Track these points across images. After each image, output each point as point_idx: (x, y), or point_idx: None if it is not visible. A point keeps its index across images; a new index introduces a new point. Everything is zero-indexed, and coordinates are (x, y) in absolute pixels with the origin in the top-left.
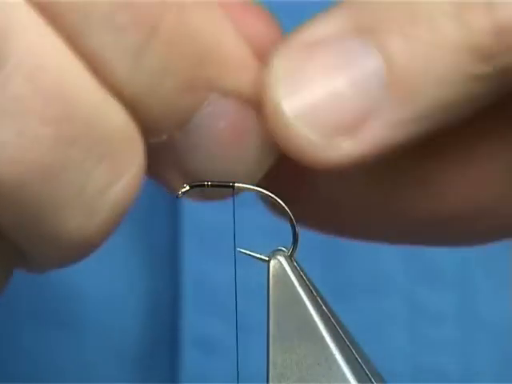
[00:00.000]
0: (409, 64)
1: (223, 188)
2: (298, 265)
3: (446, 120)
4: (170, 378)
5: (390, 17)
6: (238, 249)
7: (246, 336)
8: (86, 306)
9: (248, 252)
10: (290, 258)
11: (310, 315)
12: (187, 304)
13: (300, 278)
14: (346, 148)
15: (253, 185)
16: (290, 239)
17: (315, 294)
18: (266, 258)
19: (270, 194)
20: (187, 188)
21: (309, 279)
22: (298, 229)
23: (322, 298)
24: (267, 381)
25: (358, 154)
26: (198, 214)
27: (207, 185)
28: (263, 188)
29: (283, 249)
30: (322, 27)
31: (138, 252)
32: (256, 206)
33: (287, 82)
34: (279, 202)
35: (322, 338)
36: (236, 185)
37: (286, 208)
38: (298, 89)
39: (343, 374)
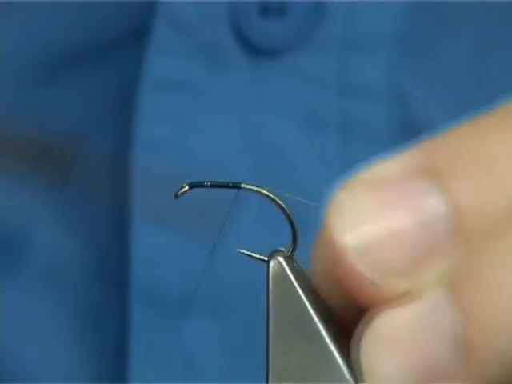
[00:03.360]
0: (475, 212)
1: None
2: (298, 265)
3: None
4: None
5: (464, 162)
6: (238, 249)
7: None
8: None
9: (247, 252)
10: (290, 258)
11: (310, 316)
12: None
13: (300, 278)
14: (402, 289)
15: (254, 185)
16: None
17: (315, 294)
18: (266, 259)
19: (269, 193)
20: (186, 188)
21: (309, 279)
22: (298, 229)
23: (322, 299)
24: (267, 382)
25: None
26: (147, 323)
27: (207, 185)
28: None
29: (283, 249)
30: (391, 166)
31: (84, 356)
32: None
33: (351, 217)
34: (278, 202)
35: (322, 338)
36: (238, 186)
37: (286, 208)
38: (361, 226)
39: (343, 375)
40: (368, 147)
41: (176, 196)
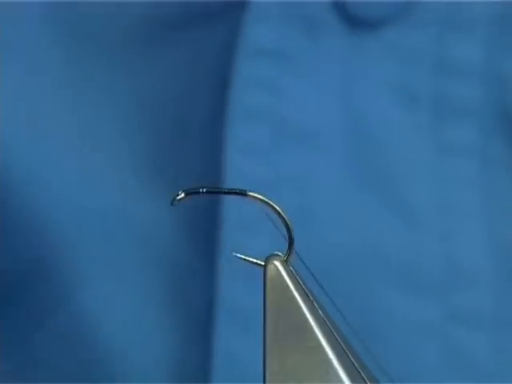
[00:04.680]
0: None
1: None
2: (294, 269)
3: None
4: None
5: None
6: (234, 253)
7: None
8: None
9: (243, 257)
10: (286, 263)
11: (307, 319)
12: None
13: (296, 282)
14: None
15: (252, 192)
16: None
17: (311, 298)
18: (262, 263)
19: (264, 198)
20: (182, 195)
21: (305, 284)
22: (293, 233)
23: (318, 303)
24: (264, 383)
25: None
26: (235, 287)
27: (202, 192)
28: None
29: (279, 253)
30: None
31: (171, 317)
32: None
33: None
34: (275, 207)
35: (319, 342)
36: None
37: (282, 212)
38: None
39: (339, 378)
40: (461, 125)
41: (172, 203)
